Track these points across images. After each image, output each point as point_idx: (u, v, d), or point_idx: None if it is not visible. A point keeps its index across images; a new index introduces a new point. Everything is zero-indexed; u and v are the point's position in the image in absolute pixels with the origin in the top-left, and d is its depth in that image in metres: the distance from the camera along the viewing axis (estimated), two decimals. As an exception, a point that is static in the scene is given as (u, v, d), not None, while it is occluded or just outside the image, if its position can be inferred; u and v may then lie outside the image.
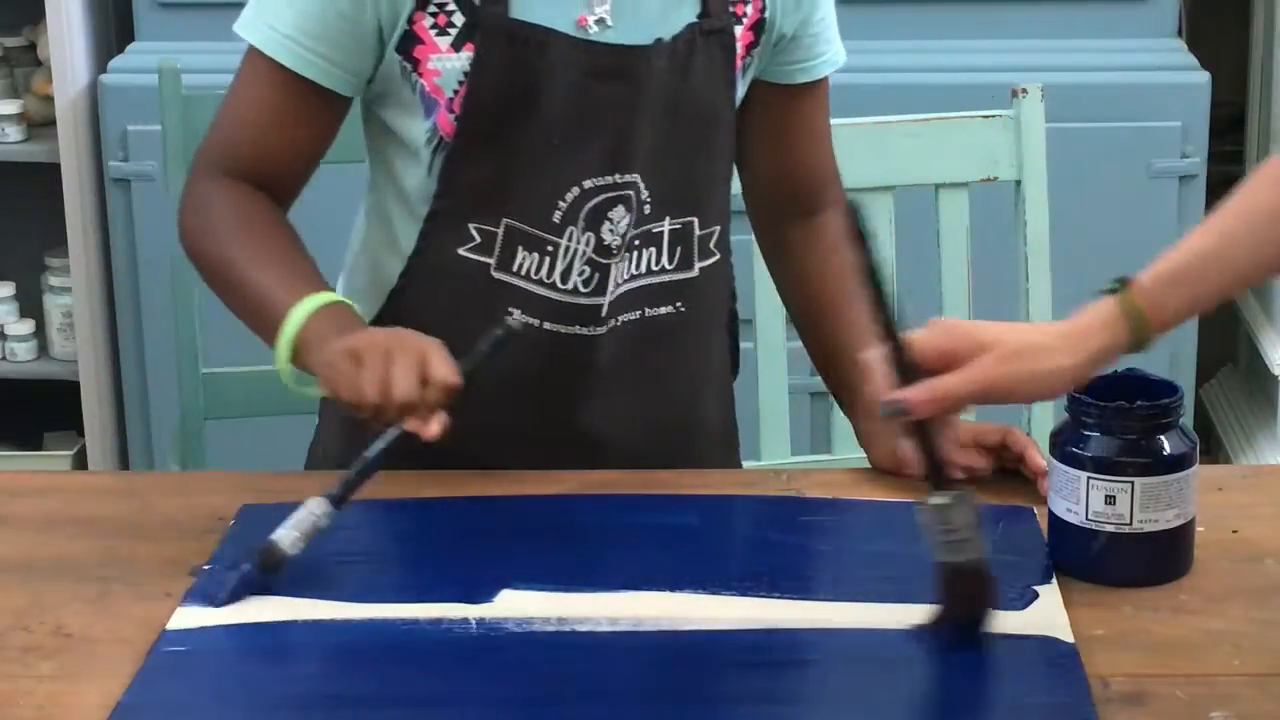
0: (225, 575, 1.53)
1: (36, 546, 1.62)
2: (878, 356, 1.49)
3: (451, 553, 1.62)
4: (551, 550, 1.60)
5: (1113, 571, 1.54)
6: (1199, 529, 1.57)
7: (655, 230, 1.80)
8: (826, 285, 1.92)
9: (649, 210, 1.78)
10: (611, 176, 1.76)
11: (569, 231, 1.76)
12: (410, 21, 1.73)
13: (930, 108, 2.29)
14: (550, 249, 1.76)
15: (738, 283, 1.94)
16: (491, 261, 1.77)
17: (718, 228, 1.85)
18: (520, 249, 1.76)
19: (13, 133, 3.29)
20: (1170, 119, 3.07)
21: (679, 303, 1.83)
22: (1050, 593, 1.52)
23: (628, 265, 1.79)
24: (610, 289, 1.78)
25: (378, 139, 1.82)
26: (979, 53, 3.12)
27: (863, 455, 1.83)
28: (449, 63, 1.73)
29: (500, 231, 1.76)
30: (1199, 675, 1.41)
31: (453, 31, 1.73)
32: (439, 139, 1.75)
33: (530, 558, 1.57)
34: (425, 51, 1.73)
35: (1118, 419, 1.53)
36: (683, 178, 1.80)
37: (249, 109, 1.78)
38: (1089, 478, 1.53)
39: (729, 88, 1.82)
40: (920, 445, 1.48)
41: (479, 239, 1.76)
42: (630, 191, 1.77)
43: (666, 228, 1.80)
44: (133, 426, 3.26)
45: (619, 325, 1.81)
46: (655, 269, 1.81)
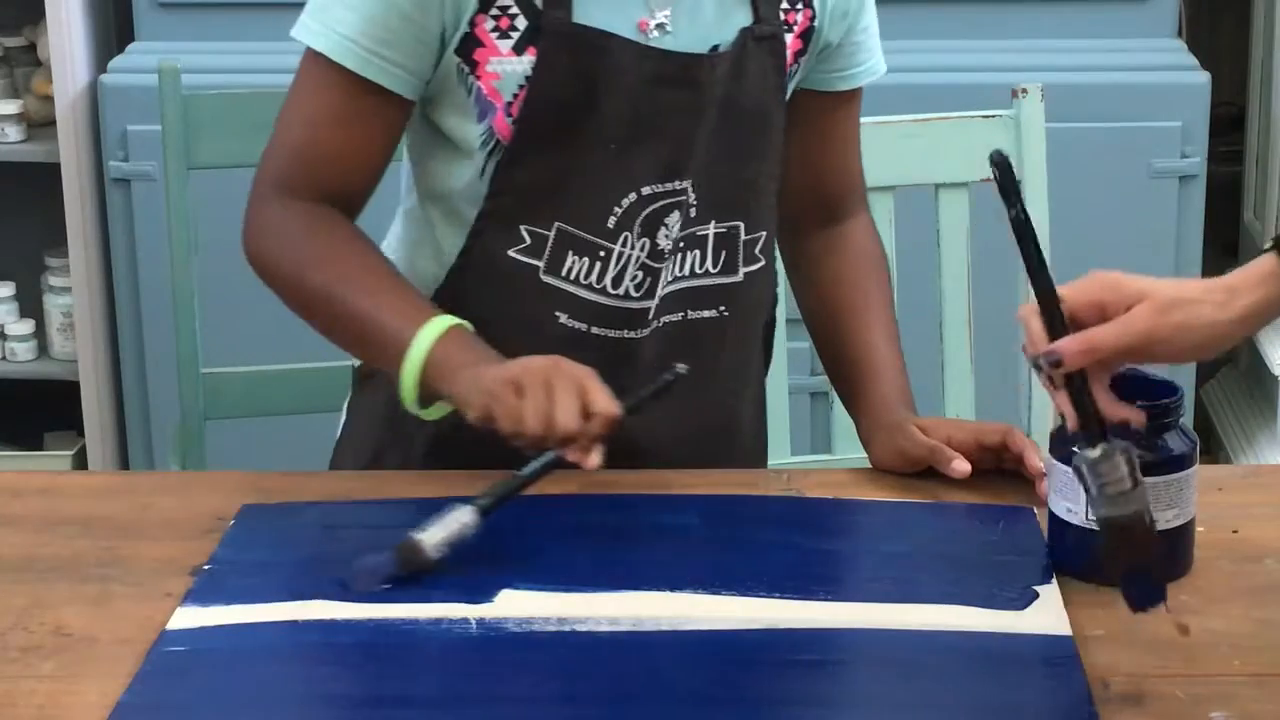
0: (361, 563, 1.52)
1: (36, 546, 1.62)
2: (1031, 310, 1.48)
3: (451, 552, 1.61)
4: (552, 550, 1.59)
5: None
6: (1199, 529, 1.57)
7: (700, 233, 1.79)
8: (844, 292, 1.92)
9: (695, 213, 1.78)
10: (670, 184, 1.76)
11: (624, 237, 1.75)
12: (471, 24, 1.71)
13: (930, 108, 2.29)
14: (603, 254, 1.75)
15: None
16: (541, 264, 1.76)
17: (764, 233, 1.84)
18: (570, 253, 1.75)
19: (13, 133, 3.29)
20: (1170, 119, 3.07)
21: (722, 306, 1.82)
22: (1050, 593, 1.52)
23: (672, 267, 1.79)
24: (658, 292, 1.78)
25: (424, 140, 1.80)
26: (979, 53, 3.11)
27: (863, 455, 1.83)
28: (509, 66, 1.72)
29: (552, 235, 1.75)
30: (1199, 675, 1.40)
31: (514, 35, 1.71)
32: (495, 142, 1.74)
33: (530, 558, 1.57)
34: (485, 54, 1.72)
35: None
36: (731, 182, 1.79)
37: (315, 116, 1.75)
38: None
39: (779, 93, 1.81)
40: (1073, 398, 1.47)
41: (529, 241, 1.75)
42: (684, 197, 1.77)
43: (712, 231, 1.80)
44: (133, 426, 3.26)
45: (661, 327, 1.80)
46: (699, 272, 1.81)
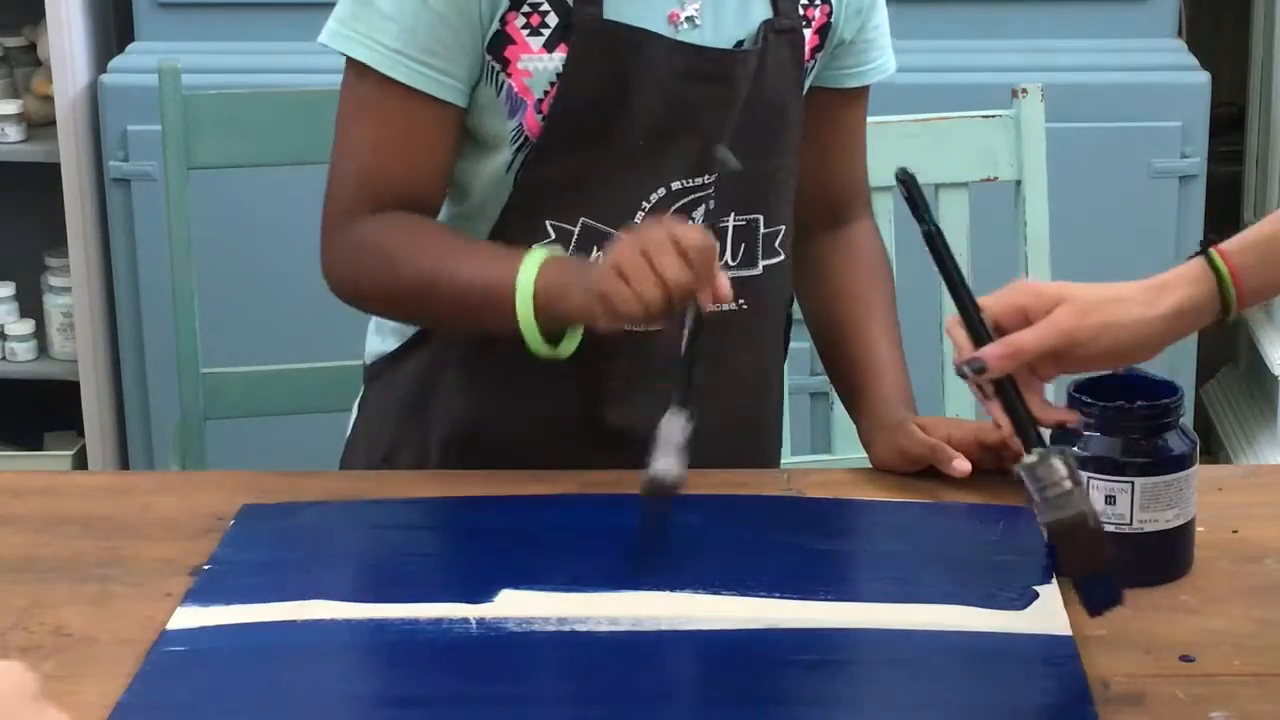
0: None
1: (36, 546, 1.62)
2: (954, 322, 1.49)
3: (451, 553, 1.62)
4: (552, 550, 1.59)
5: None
6: (1199, 529, 1.57)
7: (720, 225, 1.79)
8: (846, 296, 1.92)
9: (714, 205, 1.78)
10: (700, 178, 1.76)
11: None
12: (503, 21, 1.71)
13: (930, 108, 2.29)
14: None
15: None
16: None
17: (782, 227, 1.84)
18: (595, 248, 1.75)
19: (13, 133, 3.29)
20: (1170, 119, 3.07)
21: (742, 300, 1.81)
22: (1050, 593, 1.51)
23: None
24: None
25: None
26: (979, 53, 3.11)
27: (863, 455, 1.83)
28: (540, 63, 1.72)
29: (577, 230, 1.75)
30: (1199, 675, 1.40)
31: (545, 32, 1.71)
32: (524, 139, 1.74)
33: (530, 557, 1.57)
34: (516, 51, 1.71)
35: (1118, 419, 1.53)
36: (751, 175, 1.78)
37: (373, 140, 1.73)
38: (1089, 477, 1.52)
39: (796, 87, 1.81)
40: (1005, 405, 1.47)
41: (554, 236, 1.75)
42: (709, 191, 1.77)
43: (731, 223, 1.80)
44: (133, 426, 3.26)
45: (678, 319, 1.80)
46: (719, 264, 1.81)
